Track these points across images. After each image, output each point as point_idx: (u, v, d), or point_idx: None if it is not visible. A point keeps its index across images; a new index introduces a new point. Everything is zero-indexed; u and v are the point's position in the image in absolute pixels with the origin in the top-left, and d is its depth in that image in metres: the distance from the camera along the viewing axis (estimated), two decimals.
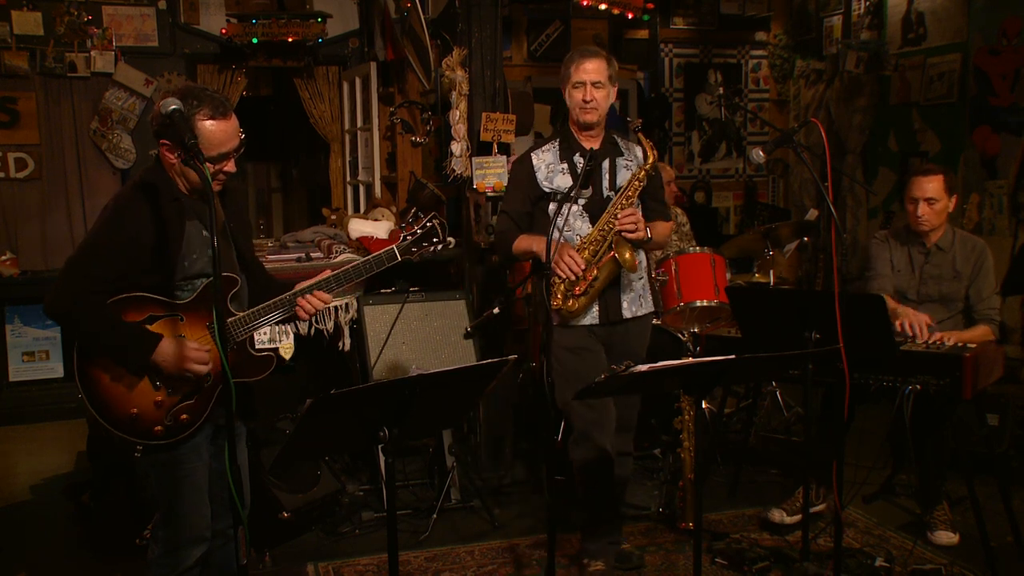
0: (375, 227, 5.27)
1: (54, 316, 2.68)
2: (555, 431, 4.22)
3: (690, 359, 3.12)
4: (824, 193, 3.27)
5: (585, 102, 3.54)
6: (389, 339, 4.45)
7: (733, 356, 2.64)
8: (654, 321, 4.98)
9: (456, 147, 4.96)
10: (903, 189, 4.25)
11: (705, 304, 4.85)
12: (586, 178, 3.50)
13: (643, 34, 8.26)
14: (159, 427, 2.72)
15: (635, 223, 3.44)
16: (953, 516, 4.09)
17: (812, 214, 6.47)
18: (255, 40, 6.64)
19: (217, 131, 2.64)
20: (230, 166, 2.72)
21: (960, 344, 3.67)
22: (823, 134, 3.32)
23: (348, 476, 4.65)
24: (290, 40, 6.69)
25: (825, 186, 3.29)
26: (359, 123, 7.10)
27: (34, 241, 6.81)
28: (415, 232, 2.98)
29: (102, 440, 4.30)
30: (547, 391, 3.16)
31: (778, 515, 4.16)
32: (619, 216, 3.46)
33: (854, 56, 6.97)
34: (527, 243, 3.59)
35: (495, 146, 4.89)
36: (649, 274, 4.69)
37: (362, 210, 6.94)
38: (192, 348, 2.69)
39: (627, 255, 3.45)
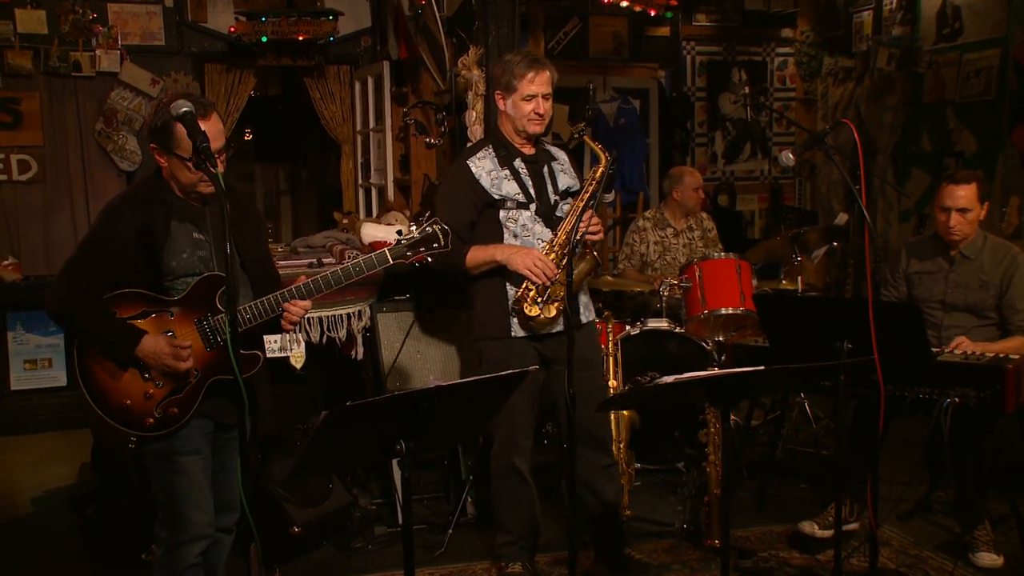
0: (388, 232, 5.26)
1: (51, 315, 2.90)
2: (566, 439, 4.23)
3: (718, 370, 3.10)
4: (857, 196, 3.25)
5: (538, 115, 3.59)
6: (403, 348, 4.46)
7: (763, 367, 2.63)
8: (677, 329, 5.00)
9: None
10: (937, 191, 4.22)
11: (731, 312, 4.85)
12: (607, 183, 3.52)
13: (664, 31, 8.26)
14: (150, 419, 2.87)
15: (597, 224, 3.54)
16: (996, 536, 4.02)
17: (841, 218, 6.45)
18: (264, 39, 6.68)
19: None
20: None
21: (1001, 355, 3.64)
22: (855, 135, 3.30)
23: (360, 489, 4.65)
24: (300, 39, 6.73)
25: (858, 189, 3.28)
26: (371, 124, 7.12)
27: (37, 245, 6.85)
28: (412, 236, 2.96)
29: (107, 450, 4.32)
30: (568, 402, 3.15)
31: (809, 527, 4.13)
32: (584, 219, 3.49)
33: (885, 53, 6.94)
34: (484, 254, 3.57)
35: None
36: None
37: (375, 214, 6.95)
38: (170, 345, 2.83)
39: (597, 255, 3.68)
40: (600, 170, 3.49)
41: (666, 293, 5.18)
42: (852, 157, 3.91)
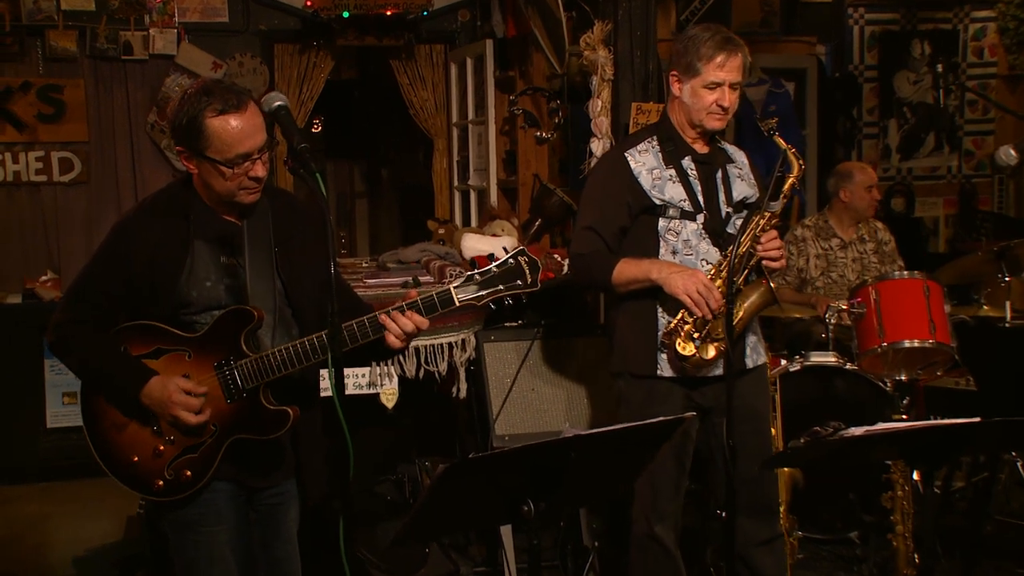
0: (494, 244, 5.32)
1: (49, 347, 2.90)
2: (722, 504, 4.18)
3: (927, 422, 3.04)
4: None
5: (721, 108, 3.52)
6: (515, 384, 4.49)
7: (979, 419, 2.56)
8: (847, 366, 4.91)
9: (596, 145, 4.98)
10: None
11: (917, 345, 4.73)
12: (775, 188, 3.45)
13: None
14: (160, 481, 2.83)
15: (779, 249, 3.44)
16: None
17: None
18: (346, 14, 6.82)
19: (228, 128, 2.70)
20: (257, 170, 2.77)
21: None
22: None
23: (459, 555, 4.69)
24: (388, 13, 6.85)
25: None
26: (470, 115, 7.21)
27: (79, 258, 7.04)
28: (489, 271, 2.78)
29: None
30: (726, 456, 3.13)
31: None
32: (762, 239, 3.42)
33: None
34: (637, 269, 3.51)
35: None
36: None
37: (473, 221, 7.03)
38: (180, 391, 2.77)
39: (773, 284, 3.50)
40: (791, 180, 3.43)
41: (833, 320, 5.09)
42: None
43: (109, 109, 7.11)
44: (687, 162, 3.60)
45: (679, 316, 3.47)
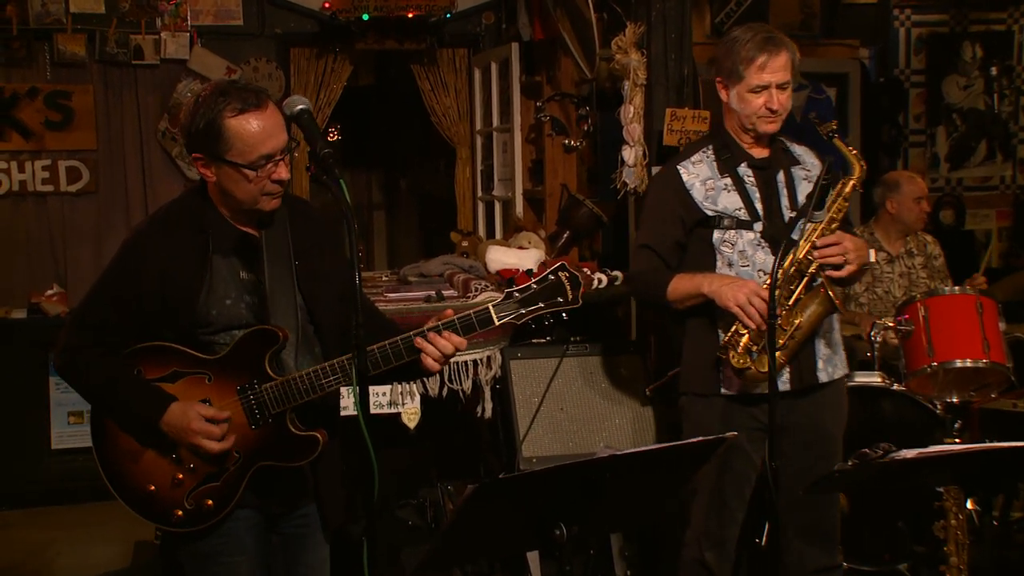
0: (521, 257, 5.33)
1: (57, 370, 2.89)
2: (760, 531, 4.16)
3: (983, 444, 3.02)
4: None
5: (771, 111, 3.51)
6: (543, 404, 4.49)
7: None
8: (894, 386, 4.88)
9: (628, 153, 4.97)
10: None
11: (969, 365, 4.70)
12: (820, 196, 3.43)
13: None
14: (179, 511, 2.81)
15: (843, 254, 3.39)
16: None
17: None
18: (365, 16, 6.85)
19: (249, 128, 2.70)
20: (280, 171, 2.76)
21: None
22: None
23: None
24: (410, 15, 6.88)
25: None
26: (495, 122, 7.23)
27: (87, 271, 7.11)
28: (528, 288, 2.79)
29: None
30: (769, 479, 3.11)
31: None
32: (819, 245, 3.40)
33: None
34: (690, 284, 3.54)
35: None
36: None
37: (498, 233, 7.03)
38: (199, 419, 2.75)
39: (832, 292, 3.45)
40: (852, 183, 3.44)
41: (879, 338, 5.07)
42: None
43: (119, 116, 7.18)
44: (743, 169, 3.60)
45: (733, 328, 3.47)
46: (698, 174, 3.61)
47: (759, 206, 3.57)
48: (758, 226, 3.56)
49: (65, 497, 6.47)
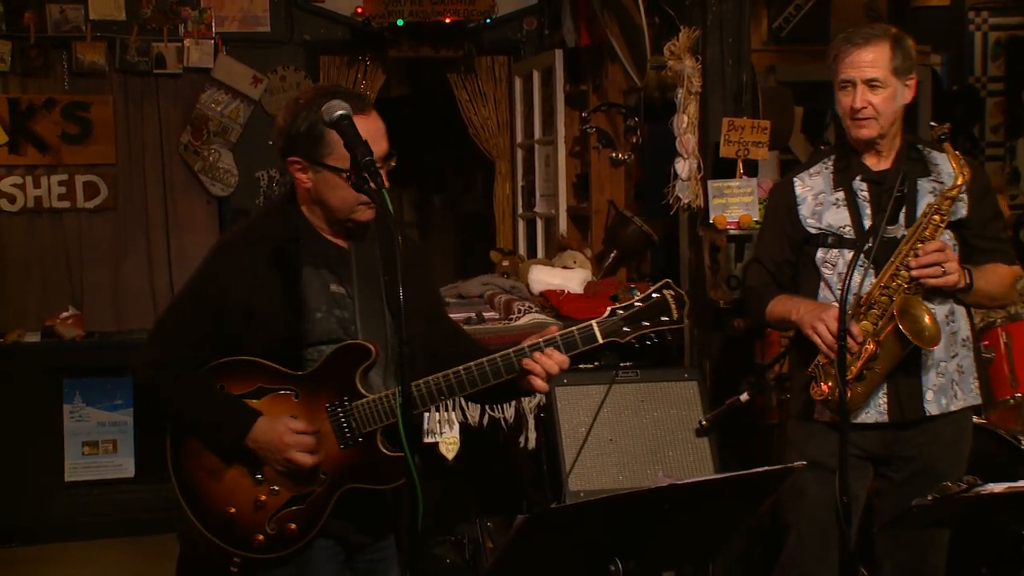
0: (565, 277, 5.36)
1: (140, 385, 3.03)
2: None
3: None
4: None
5: (855, 111, 3.43)
6: (591, 434, 4.48)
7: None
8: (973, 419, 4.83)
9: (682, 166, 4.98)
10: None
11: None
12: (893, 210, 3.40)
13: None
14: (260, 535, 2.83)
15: (942, 262, 3.31)
16: None
17: None
18: (400, 22, 6.88)
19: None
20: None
21: None
22: None
23: None
24: (447, 21, 6.91)
25: None
26: (537, 134, 7.25)
27: (104, 292, 7.21)
28: (632, 306, 2.83)
29: (202, 568, 4.46)
30: (839, 511, 3.10)
31: None
32: (918, 256, 3.34)
33: None
34: (783, 308, 3.56)
35: (740, 164, 4.89)
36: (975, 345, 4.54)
37: (539, 252, 7.05)
38: (290, 432, 2.78)
39: (926, 319, 3.35)
40: (954, 191, 3.36)
41: None
42: None
43: (139, 128, 7.22)
44: (857, 183, 3.53)
45: (818, 356, 3.45)
46: (812, 187, 3.59)
47: (868, 223, 3.47)
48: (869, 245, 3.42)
49: (79, 533, 6.48)
